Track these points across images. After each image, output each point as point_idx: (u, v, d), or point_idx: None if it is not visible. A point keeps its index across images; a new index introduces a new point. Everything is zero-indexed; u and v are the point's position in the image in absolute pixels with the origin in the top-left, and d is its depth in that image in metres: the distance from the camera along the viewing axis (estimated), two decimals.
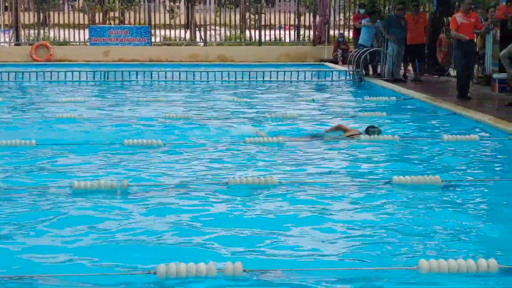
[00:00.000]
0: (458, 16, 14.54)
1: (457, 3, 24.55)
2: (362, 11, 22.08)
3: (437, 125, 11.90)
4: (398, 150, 9.66)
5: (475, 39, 15.89)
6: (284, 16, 29.68)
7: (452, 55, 16.02)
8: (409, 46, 18.57)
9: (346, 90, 18.29)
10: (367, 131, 10.18)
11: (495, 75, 15.45)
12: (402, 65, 19.43)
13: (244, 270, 4.84)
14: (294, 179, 7.81)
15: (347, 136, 10.11)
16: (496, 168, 8.68)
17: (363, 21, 20.12)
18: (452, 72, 19.68)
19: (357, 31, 21.48)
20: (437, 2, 20.92)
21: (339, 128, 10.51)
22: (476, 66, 18.43)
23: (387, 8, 26.40)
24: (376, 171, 8.39)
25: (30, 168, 8.30)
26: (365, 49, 19.15)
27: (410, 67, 19.86)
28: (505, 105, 13.20)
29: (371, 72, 20.16)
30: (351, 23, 25.31)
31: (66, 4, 31.93)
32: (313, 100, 15.20)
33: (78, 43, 27.53)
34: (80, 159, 8.83)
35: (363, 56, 18.81)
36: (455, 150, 9.60)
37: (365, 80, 18.80)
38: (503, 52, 15.03)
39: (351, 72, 19.46)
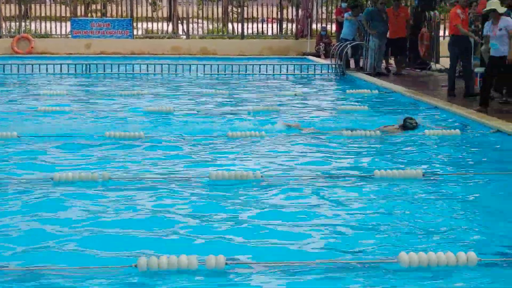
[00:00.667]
0: (459, 12, 14.21)
1: None
2: (344, 5, 22.10)
3: (419, 118, 11.92)
4: (379, 144, 9.69)
5: None
6: (267, 10, 29.63)
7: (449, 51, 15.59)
8: (391, 40, 18.64)
9: (328, 83, 18.31)
10: (405, 122, 10.30)
11: (476, 69, 15.51)
12: (383, 59, 19.50)
13: (227, 263, 4.85)
14: (276, 173, 7.82)
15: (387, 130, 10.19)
16: (477, 162, 8.73)
17: (346, 15, 20.16)
18: (434, 66, 19.79)
19: (339, 25, 21.52)
20: None
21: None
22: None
23: (369, 2, 26.44)
24: (358, 165, 8.41)
25: (11, 160, 8.26)
26: (347, 42, 19.19)
27: (392, 61, 19.92)
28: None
29: (353, 66, 20.20)
30: (334, 17, 25.33)
31: None
32: (295, 94, 15.20)
33: (59, 36, 27.33)
34: (62, 151, 8.80)
35: (345, 50, 18.84)
36: (436, 144, 9.65)
37: (347, 74, 18.83)
38: (483, 47, 15.11)
39: (333, 66, 19.48)
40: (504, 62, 11.75)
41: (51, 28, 27.56)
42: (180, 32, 28.41)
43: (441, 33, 21.90)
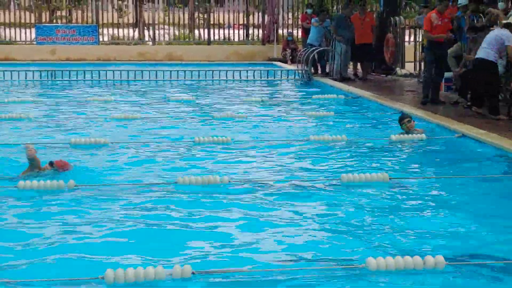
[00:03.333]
0: (434, 17, 13.43)
1: (403, 3, 24.84)
2: (309, 11, 22.19)
3: (385, 123, 12.01)
4: (346, 148, 9.71)
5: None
6: (233, 15, 29.61)
7: (424, 58, 14.82)
8: (357, 46, 18.73)
9: (294, 89, 18.36)
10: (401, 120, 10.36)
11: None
12: (351, 64, 19.61)
13: (193, 273, 4.81)
14: (244, 178, 7.81)
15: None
16: (443, 166, 8.79)
17: (313, 21, 20.24)
18: (400, 71, 19.94)
19: (305, 31, 21.59)
20: (384, 2, 21.16)
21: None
22: (422, 65, 18.69)
23: (335, 7, 26.59)
24: (325, 170, 8.42)
25: None
26: (313, 48, 19.26)
27: (359, 66, 20.04)
28: (451, 104, 13.38)
29: (319, 71, 20.29)
30: (300, 22, 25.40)
31: (12, 2, 31.38)
32: (262, 100, 15.21)
33: (24, 42, 27.08)
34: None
35: (311, 55, 18.91)
36: (402, 148, 9.71)
37: (313, 79, 18.89)
38: (449, 51, 15.26)
39: (299, 71, 19.54)
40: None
41: (15, 34, 27.27)
42: (146, 38, 28.32)
43: (406, 38, 22.08)
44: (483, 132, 10.10)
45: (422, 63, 18.46)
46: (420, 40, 19.08)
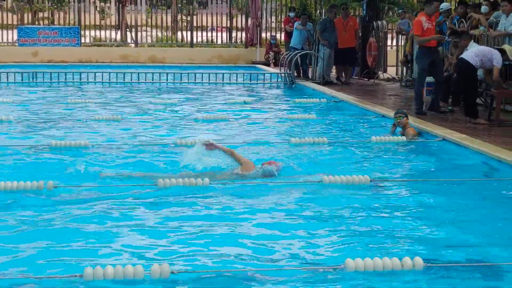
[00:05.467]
0: (424, 20, 12.63)
1: (386, 7, 25.00)
2: (292, 14, 22.24)
3: (366, 127, 12.05)
4: (327, 150, 9.73)
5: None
6: (216, 18, 29.64)
7: (415, 64, 14.29)
8: (340, 50, 18.78)
9: (277, 92, 18.39)
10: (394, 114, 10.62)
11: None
12: (334, 68, 19.68)
13: (172, 272, 4.80)
14: (225, 180, 7.80)
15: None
16: (423, 169, 8.82)
17: (296, 24, 20.30)
18: (382, 75, 20.03)
19: (288, 35, 21.64)
20: (367, 7, 21.25)
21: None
22: (405, 69, 18.82)
23: (318, 11, 26.66)
24: (306, 171, 8.43)
25: None
26: (296, 51, 19.31)
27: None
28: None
29: (301, 75, 20.35)
30: (283, 26, 25.46)
31: None
32: (245, 102, 15.21)
33: (6, 44, 26.96)
34: (7, 160, 8.65)
35: (294, 59, 18.94)
36: (383, 151, 9.74)
37: (296, 83, 18.93)
38: None
39: (282, 75, 19.57)
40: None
41: None
42: (129, 40, 28.27)
43: (389, 42, 22.19)
44: (463, 136, 10.16)
45: (405, 68, 18.68)
46: (402, 44, 19.21)
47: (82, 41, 26.81)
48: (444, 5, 15.67)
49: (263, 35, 27.97)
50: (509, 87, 12.27)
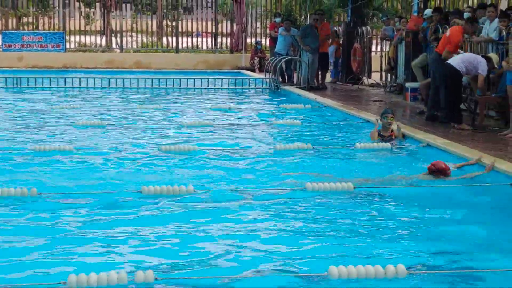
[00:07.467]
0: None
1: (371, 13, 25.08)
2: (278, 20, 22.28)
3: (350, 132, 12.08)
4: (311, 157, 9.74)
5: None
6: (202, 24, 29.65)
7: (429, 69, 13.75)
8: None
9: (262, 97, 18.41)
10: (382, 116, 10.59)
11: (407, 84, 15.83)
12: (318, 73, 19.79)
13: (156, 278, 4.80)
14: (209, 186, 7.80)
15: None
16: (407, 175, 8.84)
17: (280, 30, 20.35)
18: (367, 81, 20.14)
19: (273, 40, 21.69)
20: (351, 12, 21.35)
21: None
22: (389, 75, 18.91)
23: (303, 17, 26.73)
24: (290, 178, 8.43)
25: None
26: (281, 57, 19.36)
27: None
28: (417, 113, 13.51)
29: (286, 80, 20.42)
30: (268, 31, 25.50)
31: None
32: (230, 109, 15.22)
33: None
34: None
35: (279, 65, 18.99)
36: (367, 157, 9.76)
37: (281, 88, 18.97)
38: (414, 62, 15.45)
39: (267, 80, 19.60)
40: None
41: None
42: (114, 45, 28.21)
43: (373, 48, 22.28)
44: (447, 141, 10.20)
45: (388, 74, 18.77)
46: (386, 50, 19.29)
47: (67, 46, 26.75)
48: (427, 12, 15.75)
49: (248, 40, 28.01)
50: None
